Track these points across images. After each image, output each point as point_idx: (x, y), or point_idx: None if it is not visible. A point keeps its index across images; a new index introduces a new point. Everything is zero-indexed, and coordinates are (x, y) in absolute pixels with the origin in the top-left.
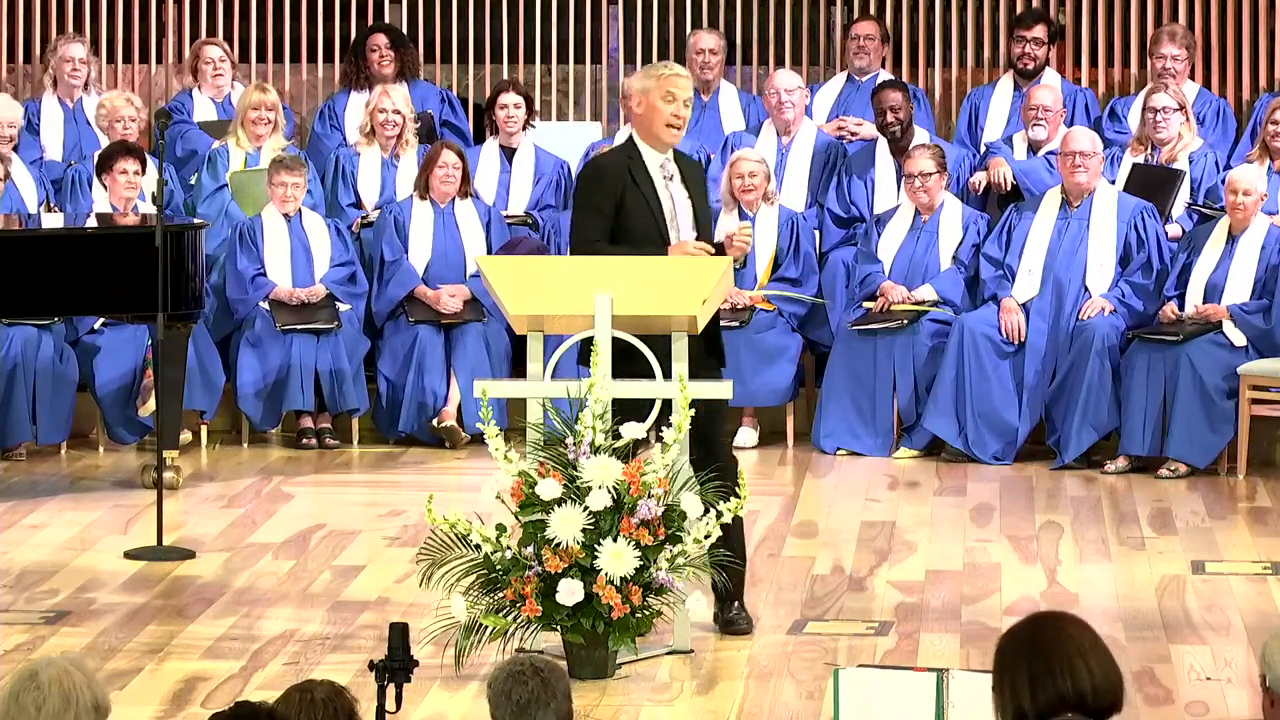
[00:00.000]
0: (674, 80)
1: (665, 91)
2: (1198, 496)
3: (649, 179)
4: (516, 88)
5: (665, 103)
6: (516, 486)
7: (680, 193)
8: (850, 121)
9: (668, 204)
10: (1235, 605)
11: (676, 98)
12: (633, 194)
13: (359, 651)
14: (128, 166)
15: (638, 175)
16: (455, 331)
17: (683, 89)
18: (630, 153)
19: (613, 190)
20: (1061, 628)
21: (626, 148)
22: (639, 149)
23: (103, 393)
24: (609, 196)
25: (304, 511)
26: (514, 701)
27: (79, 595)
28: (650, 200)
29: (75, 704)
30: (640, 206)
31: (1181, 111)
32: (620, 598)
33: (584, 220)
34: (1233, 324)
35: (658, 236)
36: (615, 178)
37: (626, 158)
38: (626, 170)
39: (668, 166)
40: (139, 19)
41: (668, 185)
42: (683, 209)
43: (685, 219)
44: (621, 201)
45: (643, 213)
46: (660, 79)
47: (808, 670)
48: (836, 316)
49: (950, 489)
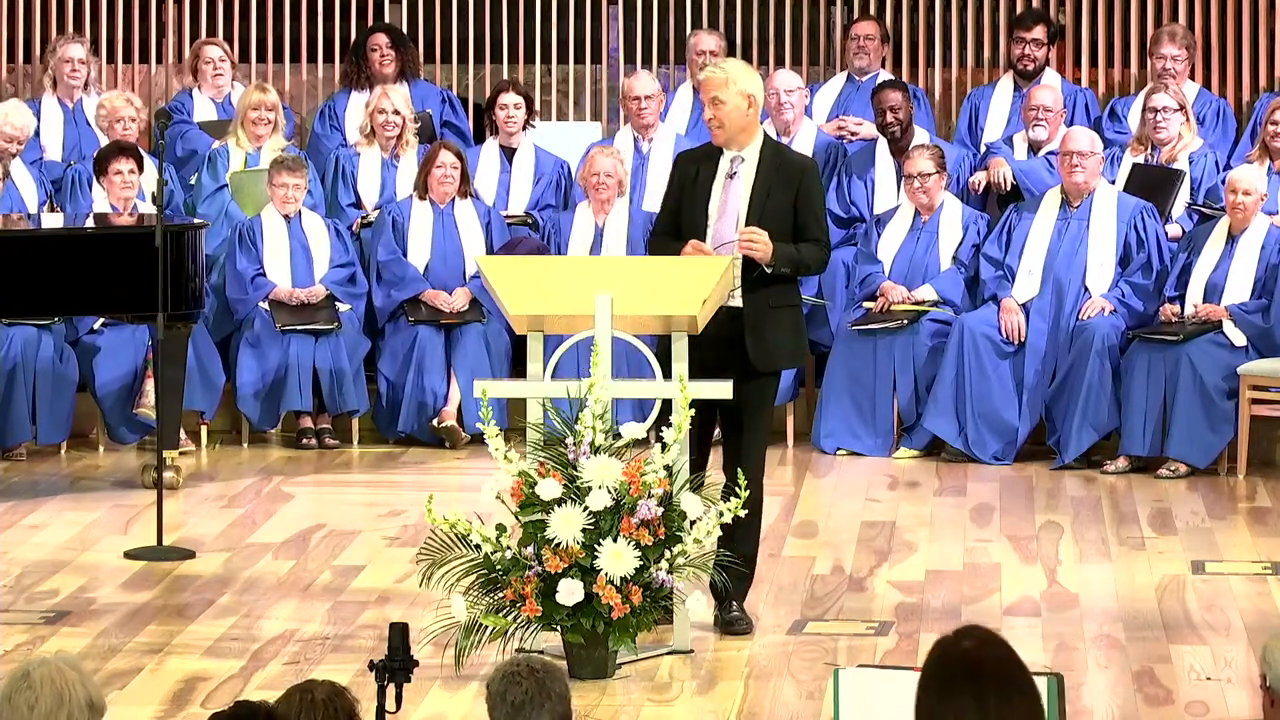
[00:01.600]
0: (699, 83)
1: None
2: (1198, 496)
3: (710, 177)
4: (516, 88)
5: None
6: (516, 486)
7: (740, 190)
8: (850, 121)
9: (717, 201)
10: (1235, 605)
11: (705, 99)
12: (690, 191)
13: (359, 651)
14: (122, 166)
15: (703, 172)
16: (455, 332)
17: (704, 89)
18: (709, 149)
19: (678, 184)
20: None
21: (709, 144)
22: (718, 146)
23: (103, 393)
24: (674, 190)
25: (304, 511)
26: (509, 702)
27: (79, 595)
28: (700, 199)
29: (68, 702)
30: (692, 203)
31: (1181, 111)
32: (620, 597)
33: (660, 210)
34: (1233, 324)
35: (699, 235)
36: (683, 173)
37: (703, 154)
38: (695, 166)
39: (735, 164)
40: (139, 19)
41: (727, 183)
42: (734, 207)
43: (731, 217)
44: (681, 196)
45: (692, 209)
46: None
47: (808, 670)
48: (837, 317)
49: (950, 489)
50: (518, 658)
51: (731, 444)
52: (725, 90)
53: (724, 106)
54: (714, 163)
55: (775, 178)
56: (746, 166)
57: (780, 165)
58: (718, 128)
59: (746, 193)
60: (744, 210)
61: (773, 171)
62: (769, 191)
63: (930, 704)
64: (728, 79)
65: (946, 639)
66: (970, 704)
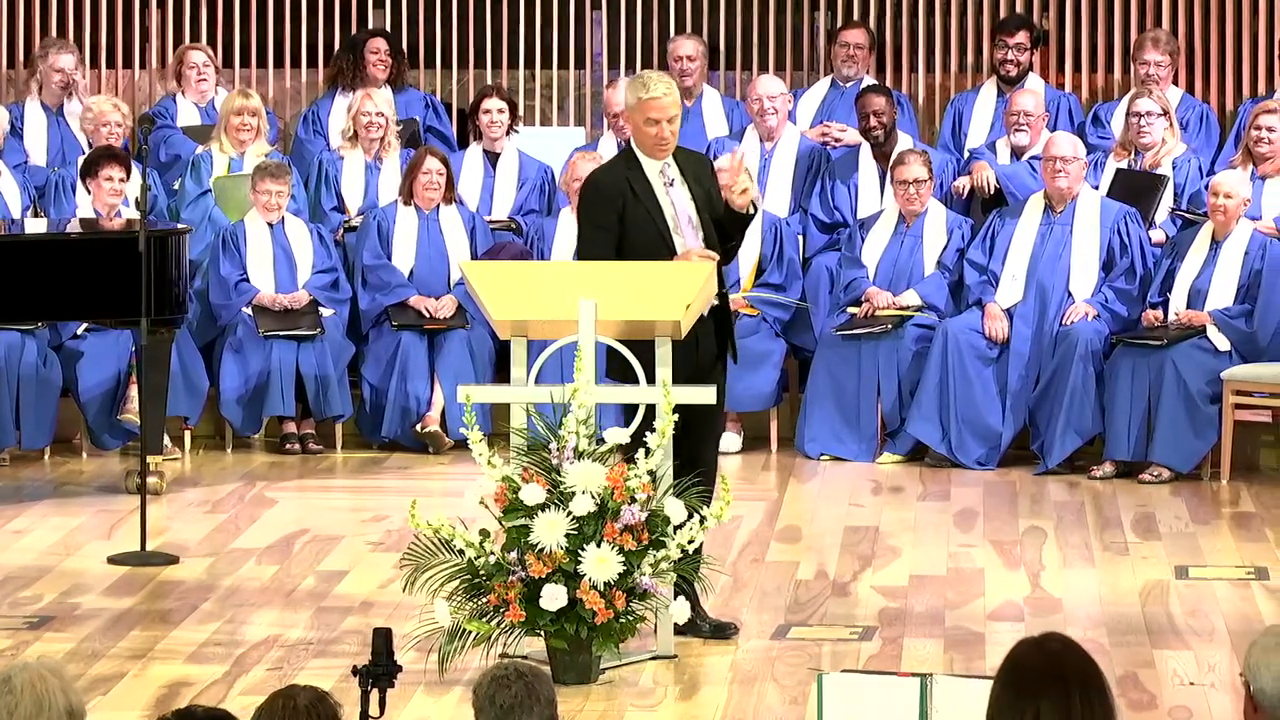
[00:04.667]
0: (652, 106)
1: (645, 118)
2: (1181, 501)
3: (649, 188)
4: (500, 93)
5: (648, 127)
6: (500, 491)
7: (682, 196)
8: (834, 127)
9: (669, 212)
10: (1219, 610)
11: (659, 121)
12: (634, 207)
13: (342, 657)
14: (113, 173)
15: (638, 186)
16: (439, 337)
17: (663, 110)
18: (629, 163)
19: (613, 204)
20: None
21: (625, 158)
22: (637, 158)
23: (86, 398)
24: (610, 211)
25: (287, 516)
26: (498, 706)
27: (62, 600)
28: (651, 210)
29: (48, 708)
30: (643, 219)
31: (1165, 116)
32: (604, 603)
33: (590, 238)
34: (1216, 329)
35: (663, 248)
36: (615, 191)
37: (625, 169)
38: (626, 182)
39: (667, 172)
40: (123, 24)
41: (669, 192)
42: (685, 213)
43: (689, 224)
44: (623, 215)
45: (646, 225)
46: (640, 104)
47: (791, 675)
48: (820, 321)
49: (934, 494)
50: (505, 662)
51: (687, 444)
52: (677, 107)
53: (675, 124)
54: (640, 175)
55: (697, 175)
56: (674, 170)
57: (691, 162)
58: (669, 146)
59: (689, 196)
60: (694, 214)
61: (692, 170)
62: (704, 191)
63: (1009, 699)
64: (676, 96)
65: (1030, 640)
66: (1053, 703)
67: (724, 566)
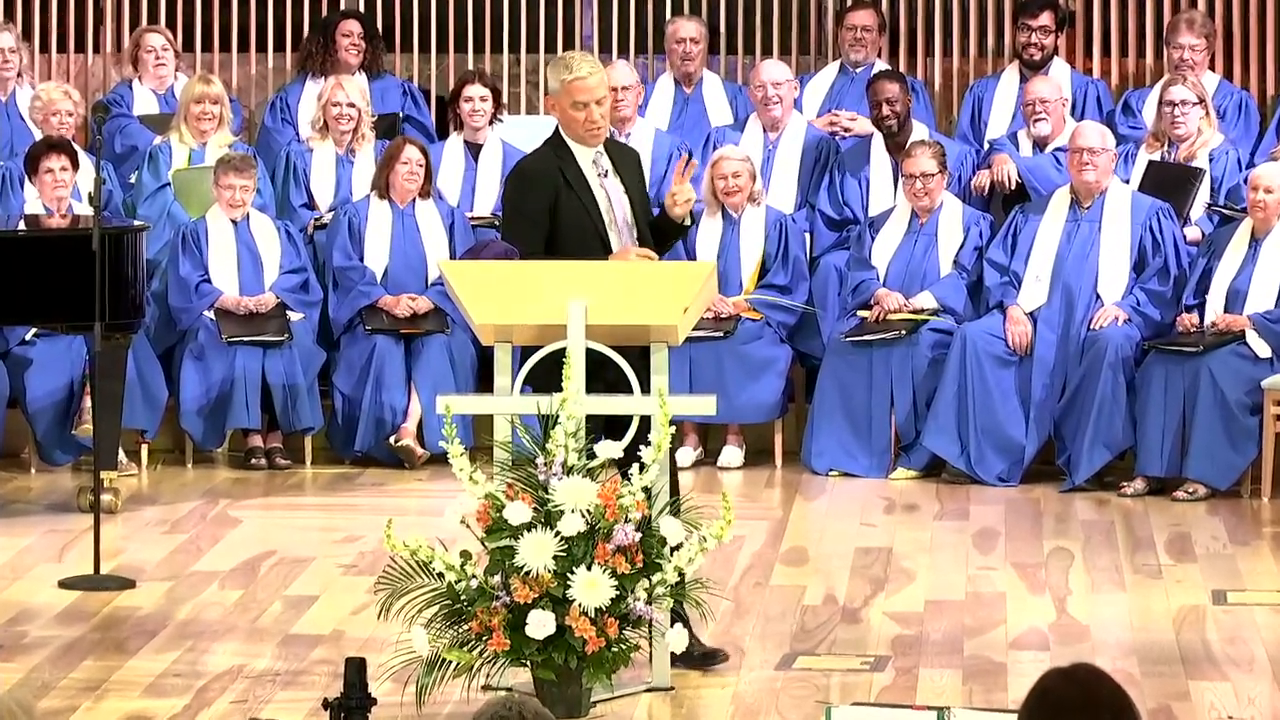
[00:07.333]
0: (578, 88)
1: (572, 101)
2: (1219, 520)
3: (582, 179)
4: (482, 79)
5: (576, 111)
6: (483, 510)
7: (616, 188)
8: (844, 116)
9: (604, 203)
10: (1259, 638)
11: (587, 105)
12: (567, 197)
13: (312, 689)
14: (54, 164)
15: (570, 175)
16: (416, 342)
17: (590, 91)
18: (559, 151)
19: (544, 195)
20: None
21: (554, 146)
22: (568, 146)
23: (35, 409)
24: (541, 202)
25: (253, 537)
26: None
27: (10, 628)
28: (586, 202)
29: None
30: (575, 210)
31: (1201, 105)
32: (595, 630)
33: (516, 231)
34: (1256, 334)
35: (596, 241)
36: (546, 181)
37: (556, 157)
38: (557, 171)
39: (601, 162)
40: (74, 4)
41: (603, 182)
42: (620, 207)
43: (624, 218)
44: (555, 206)
45: (579, 217)
46: (565, 87)
47: (797, 709)
48: (828, 326)
49: (951, 512)
50: (504, 697)
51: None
52: (605, 88)
53: (604, 106)
54: (573, 163)
55: (628, 167)
56: (606, 161)
57: (621, 154)
58: (601, 130)
59: (623, 191)
60: (629, 210)
61: (623, 161)
62: (636, 183)
63: None
64: (603, 76)
65: (1059, 670)
66: None
67: (725, 591)
